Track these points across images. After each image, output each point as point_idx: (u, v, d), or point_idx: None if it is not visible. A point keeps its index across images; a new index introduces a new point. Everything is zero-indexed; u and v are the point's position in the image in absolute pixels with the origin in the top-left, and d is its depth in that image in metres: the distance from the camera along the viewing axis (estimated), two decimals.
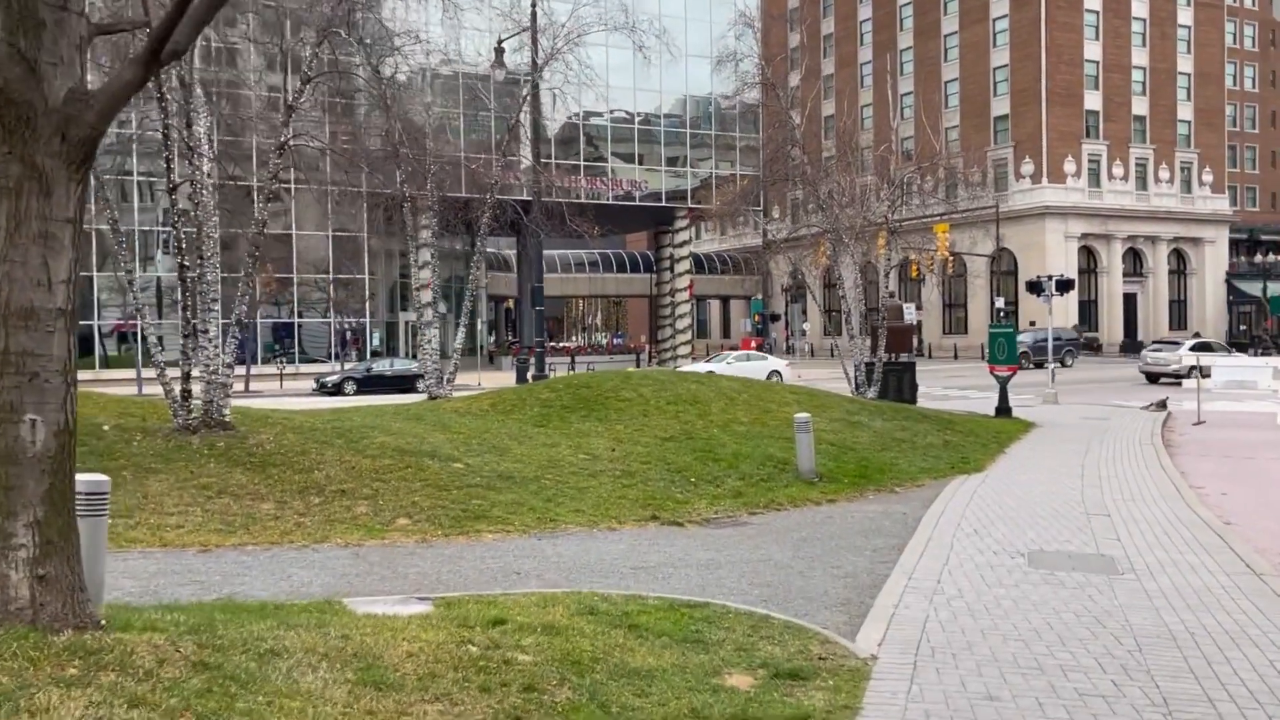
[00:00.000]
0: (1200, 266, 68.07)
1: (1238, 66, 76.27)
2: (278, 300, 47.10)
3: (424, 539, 9.45)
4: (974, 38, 67.29)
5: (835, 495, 12.07)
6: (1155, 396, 28.31)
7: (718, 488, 11.97)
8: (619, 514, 10.61)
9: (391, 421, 13.63)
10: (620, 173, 55.13)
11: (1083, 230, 63.26)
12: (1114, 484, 13.07)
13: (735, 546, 9.38)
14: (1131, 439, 18.92)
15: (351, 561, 8.60)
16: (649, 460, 12.72)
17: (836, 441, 15.10)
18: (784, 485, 12.28)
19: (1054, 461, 15.54)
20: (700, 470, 12.54)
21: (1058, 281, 29.85)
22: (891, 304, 27.77)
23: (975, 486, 12.79)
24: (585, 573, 8.29)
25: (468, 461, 11.84)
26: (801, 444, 12.70)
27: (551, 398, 15.88)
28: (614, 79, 53.90)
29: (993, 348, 23.78)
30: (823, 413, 17.09)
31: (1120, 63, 64.89)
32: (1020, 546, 9.09)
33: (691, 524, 10.46)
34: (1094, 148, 64.35)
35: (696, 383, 17.54)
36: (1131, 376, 41.38)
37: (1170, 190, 67.05)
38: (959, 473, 14.28)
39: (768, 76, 21.27)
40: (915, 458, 15.02)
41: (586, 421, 14.58)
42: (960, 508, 11.18)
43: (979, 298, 65.31)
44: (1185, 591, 7.43)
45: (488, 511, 10.31)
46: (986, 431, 18.95)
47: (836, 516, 10.95)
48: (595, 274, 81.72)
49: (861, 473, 13.30)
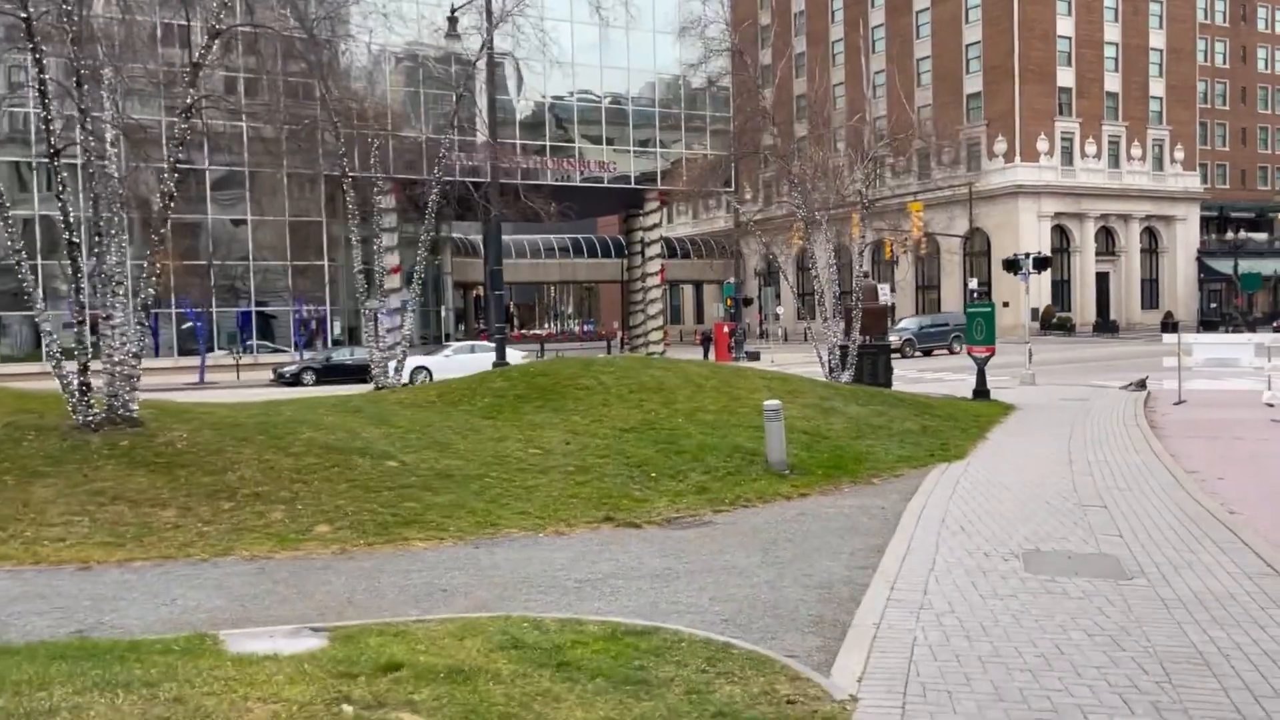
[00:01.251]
0: (1172, 244, 67.85)
1: (1209, 43, 75.96)
2: (236, 289, 45.61)
3: (344, 549, 8.34)
4: (946, 14, 66.45)
5: (808, 489, 11.07)
6: (1133, 376, 27.65)
7: (680, 483, 10.94)
8: (569, 515, 9.55)
9: (325, 415, 12.48)
10: (588, 154, 53.86)
11: (1056, 209, 62.75)
12: (1105, 470, 12.17)
13: (696, 551, 8.35)
14: (1116, 420, 18.12)
15: (253, 579, 7.48)
16: (606, 454, 11.66)
17: (809, 429, 14.11)
18: (753, 479, 11.27)
19: (1039, 446, 14.64)
20: (662, 464, 11.49)
21: (1035, 259, 29.05)
22: (866, 285, 26.79)
23: (958, 476, 11.85)
24: (523, 588, 7.23)
25: (403, 459, 10.73)
26: (771, 434, 11.69)
27: (504, 387, 14.77)
28: (581, 57, 52.72)
29: (970, 328, 22.91)
30: (795, 399, 16.11)
31: (1093, 38, 64.29)
32: (1013, 546, 8.12)
33: (650, 525, 9.42)
34: (1067, 125, 63.79)
35: (662, 369, 16.49)
36: (1106, 355, 40.84)
37: (1142, 168, 66.68)
38: (939, 461, 13.34)
39: (735, 43, 20.13)
40: (893, 445, 14.06)
41: (541, 412, 13.49)
42: (943, 501, 10.22)
43: (953, 278, 64.71)
44: (1206, 600, 6.47)
45: (421, 515, 9.21)
46: (966, 415, 18.07)
47: (809, 513, 9.94)
48: (566, 259, 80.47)
49: (836, 463, 12.32)
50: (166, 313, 43.81)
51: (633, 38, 52.62)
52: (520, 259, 78.74)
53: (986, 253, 63.36)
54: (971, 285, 54.13)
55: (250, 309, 46.05)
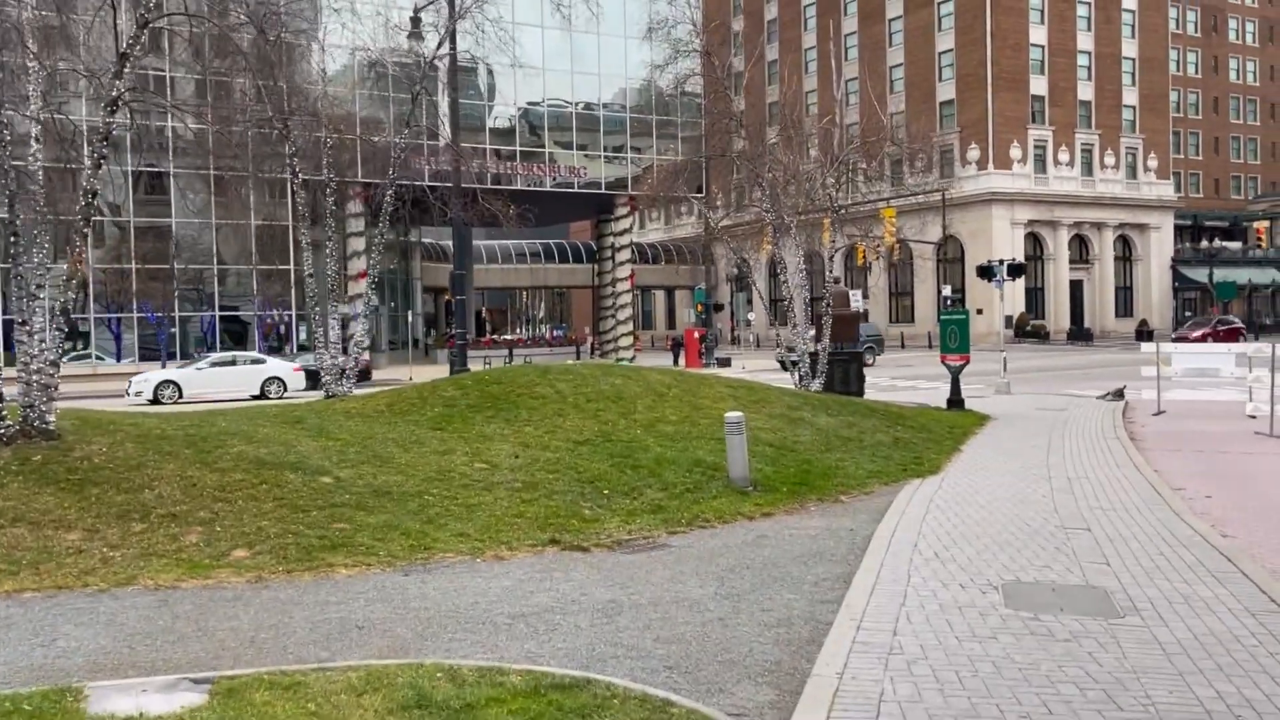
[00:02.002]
0: (1146, 253, 68.03)
1: (1180, 52, 76.45)
2: (199, 294, 44.43)
3: (260, 577, 7.56)
4: (919, 22, 66.36)
5: (772, 507, 10.39)
6: (1109, 385, 27.29)
7: (635, 501, 10.22)
8: (512, 537, 8.81)
9: (263, 426, 11.67)
10: (559, 159, 53.14)
11: (1029, 217, 62.72)
12: (1087, 488, 11.59)
13: (646, 579, 7.64)
14: (1095, 432, 17.62)
15: (151, 613, 6.69)
16: (557, 468, 10.92)
17: (775, 442, 13.45)
18: (713, 496, 10.57)
19: (1016, 461, 14.07)
20: (616, 480, 10.77)
21: (1009, 266, 28.64)
22: (837, 290, 26.23)
23: (932, 493, 11.22)
24: (449, 624, 6.48)
25: (339, 474, 9.94)
26: (733, 448, 11.01)
27: (456, 396, 13.99)
28: (552, 63, 52.01)
29: (944, 335, 22.38)
30: (761, 409, 15.46)
31: (1065, 47, 64.40)
32: (992, 576, 7.47)
33: (599, 548, 8.70)
34: (1040, 133, 63.82)
35: (622, 377, 15.77)
36: (1081, 364, 40.58)
37: (1116, 176, 66.84)
38: (912, 475, 12.72)
39: (704, 43, 19.50)
40: (863, 459, 13.43)
41: (492, 423, 12.73)
42: (916, 522, 9.57)
43: (926, 285, 64.52)
44: (1209, 643, 5.84)
45: (350, 538, 8.44)
46: (940, 426, 17.50)
47: (772, 535, 9.26)
48: (537, 264, 79.59)
49: (803, 479, 11.65)
50: (129, 317, 42.63)
51: (604, 43, 52.03)
52: (491, 264, 77.80)
53: (960, 260, 63.21)
54: (945, 292, 53.86)
55: (214, 313, 44.89)
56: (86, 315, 42.60)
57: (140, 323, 42.35)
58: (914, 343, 62.17)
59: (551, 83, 52.35)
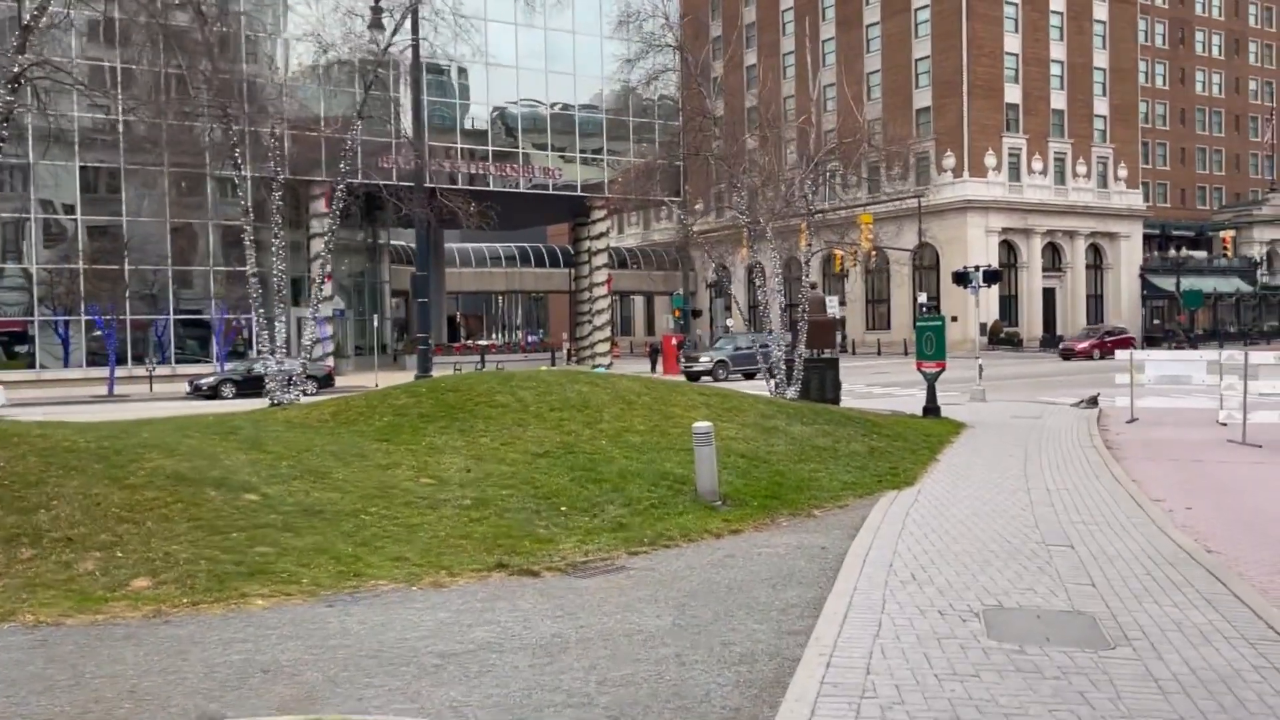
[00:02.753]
0: (1116, 261, 68.21)
1: (1149, 64, 76.90)
2: (154, 294, 43.06)
3: (159, 611, 6.77)
4: (896, 29, 66.28)
5: (741, 524, 9.71)
6: (1083, 392, 26.93)
7: (594, 518, 9.51)
8: (455, 561, 8.07)
9: (189, 437, 10.84)
10: (533, 160, 52.38)
11: (1003, 225, 62.69)
12: (1067, 500, 11.01)
13: (598, 608, 6.93)
14: (1071, 441, 17.13)
15: (22, 656, 5.89)
16: (512, 483, 10.18)
17: (748, 452, 12.79)
18: (679, 512, 9.88)
19: (994, 471, 13.49)
20: (576, 495, 10.06)
21: (985, 272, 28.22)
22: (813, 296, 25.70)
23: (908, 506, 10.58)
24: (369, 665, 5.74)
25: (267, 491, 9.16)
26: (701, 460, 10.33)
27: (408, 404, 13.23)
28: (526, 62, 51.31)
29: (920, 342, 21.85)
30: (734, 417, 14.80)
31: (1039, 56, 64.51)
32: (972, 600, 6.82)
33: (551, 572, 7.98)
34: (1014, 141, 63.83)
35: (589, 385, 15.06)
36: (1055, 371, 40.31)
37: (1087, 185, 66.99)
38: (888, 487, 12.10)
39: (678, 38, 18.87)
40: (838, 469, 12.79)
41: (445, 434, 11.98)
42: (892, 539, 8.93)
43: (902, 292, 64.32)
44: (1208, 679, 5.22)
45: (271, 564, 7.66)
46: (916, 434, 16.92)
47: (739, 555, 8.58)
48: (513, 268, 78.70)
49: (774, 492, 10.98)
50: (77, 320, 41.25)
51: (579, 43, 51.41)
52: (465, 267, 76.79)
53: (936, 267, 63.06)
54: (921, 299, 53.59)
55: (169, 316, 43.61)
56: (31, 318, 41.18)
57: (88, 327, 40.91)
58: (890, 350, 61.87)
59: (525, 82, 51.63)
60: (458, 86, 50.27)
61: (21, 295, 41.46)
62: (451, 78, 49.66)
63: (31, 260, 41.20)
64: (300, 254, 47.59)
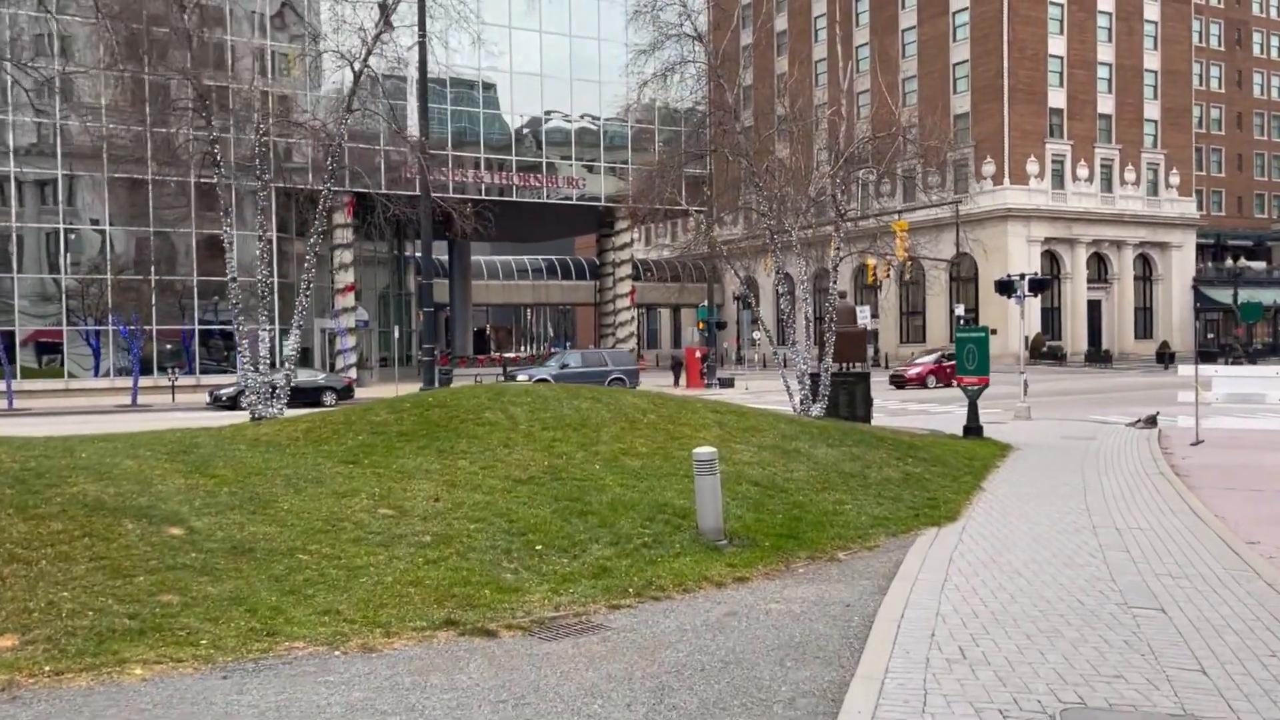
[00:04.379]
0: (1167, 272, 65.64)
1: (1204, 66, 74.21)
2: (182, 305, 42.49)
3: (13, 681, 5.41)
4: (933, 32, 64.42)
5: (748, 569, 8.20)
6: (1138, 410, 25.07)
7: (574, 560, 8.04)
8: (396, 615, 6.64)
9: (134, 457, 9.55)
10: (558, 170, 51.24)
11: (1046, 234, 60.46)
12: (1144, 542, 9.37)
13: (556, 690, 5.46)
14: (1134, 466, 15.40)
15: None
16: (484, 516, 8.75)
17: (763, 480, 11.27)
18: (675, 553, 8.39)
19: (1050, 503, 11.85)
20: (556, 531, 8.60)
21: (1031, 280, 26.41)
22: (843, 305, 24.07)
23: (951, 550, 9.01)
24: None
25: (195, 524, 7.81)
26: (703, 492, 8.83)
27: (388, 421, 11.88)
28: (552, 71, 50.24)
29: (960, 355, 20.16)
30: (751, 438, 13.30)
31: (1085, 59, 62.31)
32: (1043, 694, 5.26)
33: (511, 631, 6.53)
34: (1058, 147, 61.63)
35: (591, 400, 13.63)
36: (1105, 387, 38.28)
37: (1136, 192, 64.56)
38: (926, 523, 10.53)
39: (695, 27, 17.45)
40: (867, 500, 11.23)
41: (421, 455, 10.59)
42: (933, 594, 7.38)
43: (938, 304, 62.30)
44: None
45: (172, 618, 6.29)
46: (956, 458, 15.30)
47: (743, 612, 7.07)
48: (540, 280, 77.67)
49: (791, 529, 9.46)
50: (106, 331, 40.76)
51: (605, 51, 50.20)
52: (493, 280, 75.91)
53: (974, 278, 60.98)
54: (958, 311, 51.57)
55: (193, 326, 42.94)
56: (59, 327, 40.79)
57: (116, 337, 40.45)
58: None
59: (550, 92, 50.54)
60: (482, 98, 49.30)
61: (52, 305, 41.07)
62: (478, 90, 48.78)
63: (62, 270, 40.80)
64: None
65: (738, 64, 20.78)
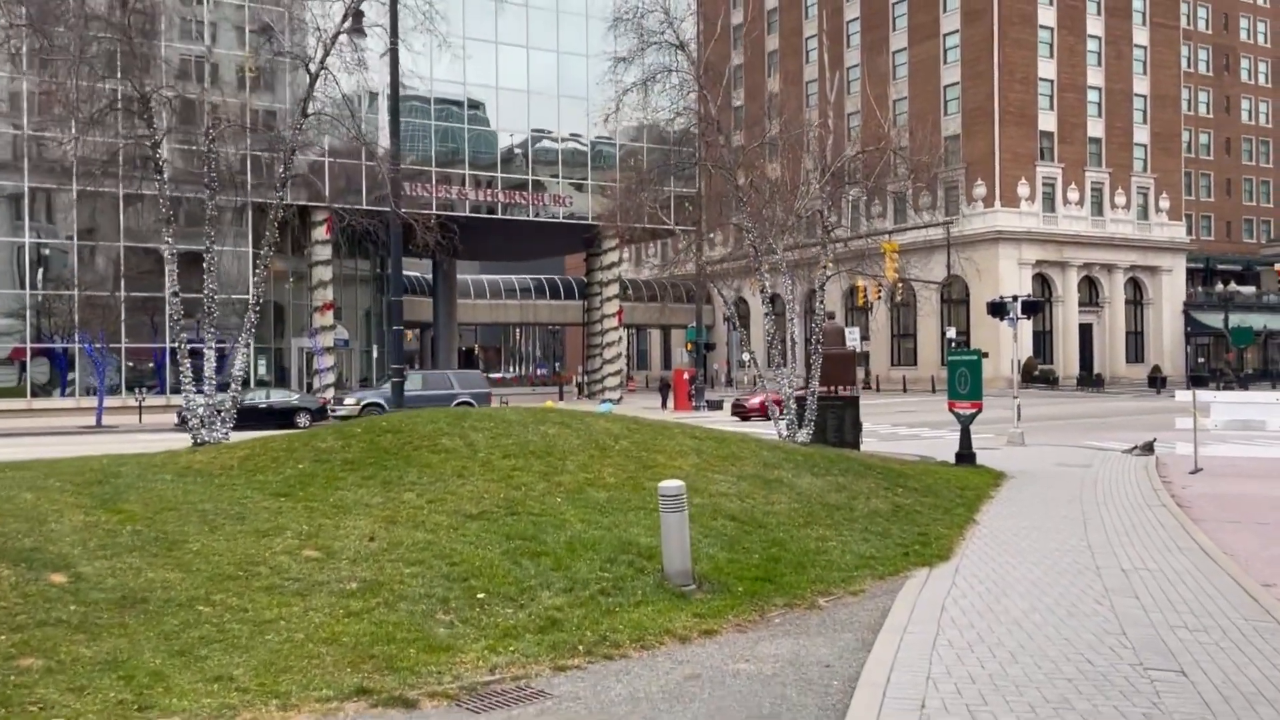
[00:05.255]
0: (1158, 296, 65.17)
1: (1192, 91, 74.17)
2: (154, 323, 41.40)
3: None
4: (924, 54, 64.16)
5: (718, 619, 7.28)
6: (1134, 436, 24.27)
7: (521, 609, 7.12)
8: (300, 682, 5.70)
9: (38, 488, 8.61)
10: (543, 189, 50.51)
11: (1037, 257, 59.94)
12: (1152, 586, 8.51)
13: None
14: (1134, 497, 14.58)
15: None
16: (423, 557, 7.82)
17: (740, 513, 10.37)
18: (636, 601, 7.47)
19: (1048, 538, 10.99)
20: (504, 575, 7.68)
21: (1024, 303, 25.72)
22: (831, 326, 23.24)
23: (943, 596, 8.12)
24: None
25: (84, 570, 6.86)
26: (670, 531, 7.92)
27: (334, 448, 10.94)
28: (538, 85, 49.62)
29: (952, 379, 19.34)
30: (729, 467, 12.41)
31: (1075, 83, 62.05)
32: None
33: (435, 700, 5.60)
34: (1048, 170, 61.24)
35: (559, 426, 12.72)
36: (1098, 412, 37.52)
37: (1127, 216, 64.17)
38: (916, 561, 9.64)
39: (678, 34, 16.68)
40: (853, 537, 10.34)
41: (365, 486, 9.66)
42: (923, 652, 6.48)
43: (929, 327, 61.64)
44: None
45: (27, 689, 5.34)
46: (948, 488, 14.44)
47: (708, 675, 6.15)
48: (527, 300, 76.86)
49: (768, 570, 8.55)
50: (73, 349, 39.66)
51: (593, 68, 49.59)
52: (479, 299, 75.00)
53: (965, 300, 60.38)
54: (949, 334, 50.88)
55: (166, 344, 41.84)
56: (23, 345, 39.70)
57: (82, 356, 39.37)
58: (916, 386, 59.11)
59: (537, 109, 49.88)
60: (467, 115, 48.63)
61: (15, 322, 39.98)
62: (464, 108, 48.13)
63: (25, 286, 39.73)
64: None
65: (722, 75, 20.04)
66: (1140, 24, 64.92)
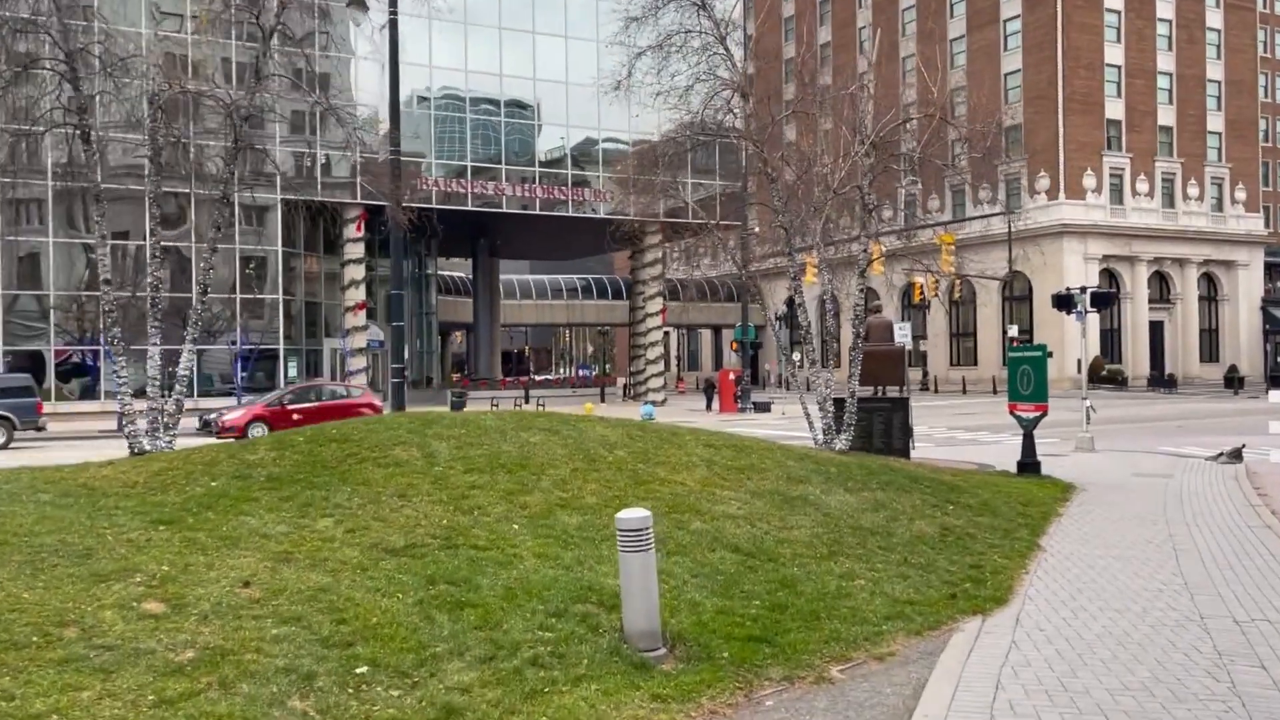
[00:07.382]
0: (1234, 292, 61.30)
1: (1269, 78, 69.90)
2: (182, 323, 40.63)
3: None
4: (983, 41, 61.15)
5: (687, 703, 5.31)
6: (1217, 441, 21.69)
7: (413, 690, 5.21)
8: None
9: None
10: (584, 185, 48.82)
11: (1104, 251, 56.58)
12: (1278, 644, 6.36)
13: None
14: (1229, 516, 12.30)
15: None
16: (303, 612, 5.95)
17: (746, 543, 8.38)
18: (577, 675, 5.52)
19: (1133, 574, 8.82)
20: (404, 637, 5.79)
21: (1094, 294, 23.16)
22: (876, 320, 21.10)
23: (999, 666, 6.04)
24: None
25: None
26: (631, 577, 5.94)
27: (263, 460, 9.20)
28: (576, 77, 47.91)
29: (1013, 379, 17.03)
30: (746, 481, 10.43)
31: (1144, 68, 58.56)
32: None
33: None
34: (1116, 160, 57.83)
35: (545, 432, 10.84)
36: (1172, 414, 34.59)
37: (1200, 208, 60.42)
38: (966, 607, 7.57)
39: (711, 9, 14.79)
40: (888, 571, 8.29)
41: (278, 510, 7.88)
42: None
43: (989, 325, 58.67)
44: None
45: None
46: (1008, 504, 12.28)
47: None
48: (574, 300, 75.39)
49: (767, 626, 6.53)
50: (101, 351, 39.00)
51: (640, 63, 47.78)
52: (525, 299, 73.65)
53: (1028, 297, 57.27)
54: (1011, 332, 47.96)
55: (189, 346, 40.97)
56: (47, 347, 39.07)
57: None
58: (977, 388, 56.22)
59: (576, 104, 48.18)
60: (503, 109, 47.17)
61: (42, 324, 39.45)
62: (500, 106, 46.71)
63: (49, 287, 39.14)
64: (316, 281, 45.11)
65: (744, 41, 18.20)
66: (1214, 6, 61.15)
